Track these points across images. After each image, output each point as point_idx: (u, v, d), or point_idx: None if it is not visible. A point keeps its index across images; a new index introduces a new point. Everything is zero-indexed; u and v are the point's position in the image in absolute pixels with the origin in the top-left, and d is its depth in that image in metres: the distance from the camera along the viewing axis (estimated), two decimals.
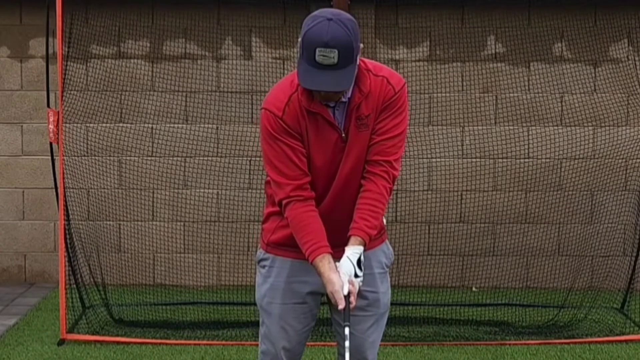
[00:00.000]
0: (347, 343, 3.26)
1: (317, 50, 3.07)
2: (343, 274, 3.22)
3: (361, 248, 3.26)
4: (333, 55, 3.07)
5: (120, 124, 7.34)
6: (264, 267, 3.53)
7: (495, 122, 7.34)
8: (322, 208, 3.35)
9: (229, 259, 7.37)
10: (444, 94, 7.29)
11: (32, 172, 7.53)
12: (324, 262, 3.25)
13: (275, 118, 3.26)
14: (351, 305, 3.25)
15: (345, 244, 3.29)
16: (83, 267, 6.46)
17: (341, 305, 3.21)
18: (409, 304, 6.51)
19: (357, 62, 3.19)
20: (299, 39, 3.15)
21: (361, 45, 3.20)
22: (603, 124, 7.31)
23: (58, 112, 5.72)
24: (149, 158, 7.37)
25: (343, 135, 3.29)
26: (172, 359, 5.63)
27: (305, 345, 3.58)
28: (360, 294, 3.37)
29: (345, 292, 3.22)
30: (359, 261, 3.24)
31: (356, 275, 3.24)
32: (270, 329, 3.50)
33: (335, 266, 3.26)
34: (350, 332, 3.44)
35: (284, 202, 3.32)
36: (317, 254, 3.25)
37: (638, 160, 7.21)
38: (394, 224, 7.17)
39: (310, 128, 3.27)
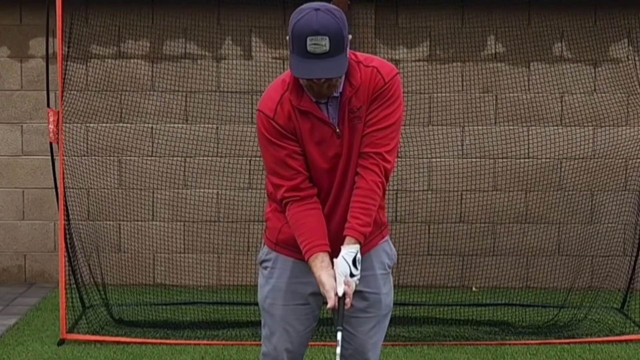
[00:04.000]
0: (338, 350, 3.21)
1: (308, 39, 3.04)
2: (339, 274, 3.19)
3: (357, 247, 3.23)
4: (324, 43, 3.04)
5: (120, 124, 7.34)
6: (265, 268, 3.51)
7: (495, 122, 7.34)
8: (328, 207, 3.34)
9: (229, 259, 7.38)
10: (444, 94, 7.29)
11: (32, 172, 7.54)
12: (317, 262, 3.23)
13: (267, 119, 3.26)
14: (347, 307, 3.22)
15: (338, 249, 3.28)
16: (83, 267, 6.45)
17: (330, 303, 3.19)
18: (409, 304, 6.51)
19: (348, 52, 3.15)
20: (289, 33, 3.12)
21: (350, 35, 3.17)
22: (603, 124, 7.31)
23: (58, 112, 5.72)
24: (149, 158, 7.37)
25: (337, 130, 3.26)
26: (172, 359, 5.63)
27: (307, 346, 3.57)
28: (361, 295, 3.36)
29: (340, 293, 3.19)
30: (354, 260, 3.21)
31: (352, 275, 3.21)
32: (273, 330, 3.49)
33: (332, 264, 3.24)
34: (351, 334, 3.42)
35: (283, 202, 3.33)
36: (311, 253, 3.24)
37: (638, 160, 7.21)
38: (394, 224, 7.18)
39: (304, 127, 3.25)
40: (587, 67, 7.28)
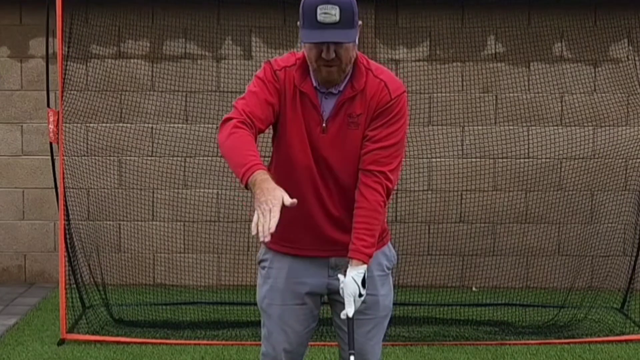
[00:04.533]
0: None
1: (319, 8, 3.07)
2: (348, 294, 3.19)
3: (365, 267, 3.22)
4: (335, 12, 3.07)
5: (120, 124, 7.34)
6: (263, 268, 3.51)
7: (495, 122, 7.34)
8: (329, 208, 3.31)
9: (229, 259, 7.38)
10: (444, 94, 7.30)
11: (32, 172, 7.54)
12: (267, 176, 2.95)
13: (271, 69, 3.28)
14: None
15: (332, 242, 3.30)
16: (83, 267, 6.46)
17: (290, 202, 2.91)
18: (409, 304, 6.51)
19: (358, 32, 3.16)
20: (299, 12, 3.14)
21: (360, 22, 3.18)
22: (603, 124, 7.31)
23: (58, 112, 5.72)
24: (149, 158, 7.37)
25: (324, 125, 3.25)
26: (172, 359, 5.63)
27: (307, 347, 3.57)
28: None
29: (350, 315, 3.19)
30: (363, 280, 3.20)
31: (360, 295, 3.20)
32: (271, 330, 3.49)
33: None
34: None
35: (232, 120, 3.12)
36: (256, 168, 2.97)
37: (638, 160, 7.21)
38: (394, 224, 7.18)
39: (297, 104, 3.25)
40: (587, 67, 7.28)
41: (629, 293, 6.62)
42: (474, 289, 7.41)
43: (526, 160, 7.36)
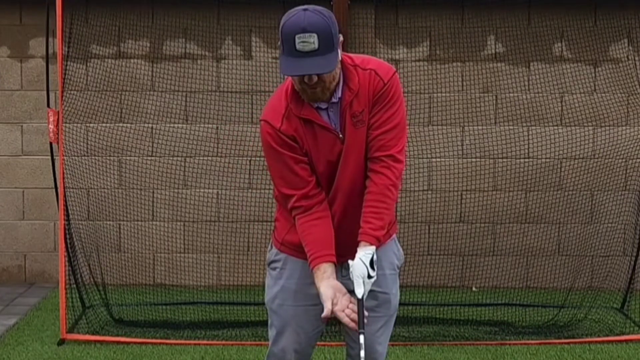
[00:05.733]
0: (362, 353, 3.22)
1: (297, 37, 3.04)
2: (357, 276, 3.20)
3: (373, 248, 3.24)
4: (313, 40, 3.04)
5: (120, 124, 7.34)
6: (274, 269, 3.51)
7: (495, 122, 7.34)
8: (333, 212, 3.34)
9: (229, 259, 7.38)
10: (444, 94, 7.30)
11: (32, 172, 7.54)
12: (318, 273, 3.24)
13: (274, 130, 3.26)
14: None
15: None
16: (83, 267, 6.46)
17: (325, 312, 3.19)
18: (409, 304, 6.50)
19: (339, 53, 3.15)
20: (279, 34, 3.12)
21: (341, 37, 3.17)
22: (603, 124, 7.31)
23: (58, 112, 5.72)
24: (149, 158, 7.37)
25: (340, 136, 3.27)
26: (172, 359, 5.63)
27: (314, 347, 3.57)
28: (371, 294, 3.35)
29: (360, 296, 3.20)
30: (371, 262, 3.22)
31: (369, 276, 3.22)
32: (281, 331, 3.49)
33: (335, 272, 3.25)
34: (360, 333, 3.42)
35: (292, 212, 3.34)
36: (314, 264, 3.25)
37: (638, 160, 7.21)
38: None
39: (308, 134, 3.26)
40: (587, 67, 7.28)
41: (629, 293, 6.62)
42: (474, 289, 7.41)
43: (526, 160, 7.36)
